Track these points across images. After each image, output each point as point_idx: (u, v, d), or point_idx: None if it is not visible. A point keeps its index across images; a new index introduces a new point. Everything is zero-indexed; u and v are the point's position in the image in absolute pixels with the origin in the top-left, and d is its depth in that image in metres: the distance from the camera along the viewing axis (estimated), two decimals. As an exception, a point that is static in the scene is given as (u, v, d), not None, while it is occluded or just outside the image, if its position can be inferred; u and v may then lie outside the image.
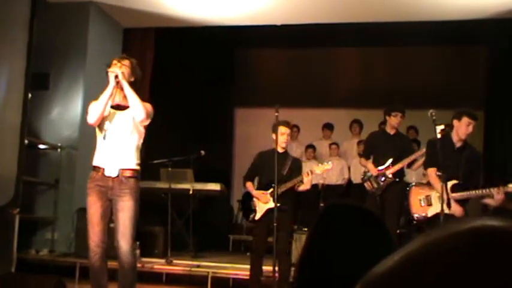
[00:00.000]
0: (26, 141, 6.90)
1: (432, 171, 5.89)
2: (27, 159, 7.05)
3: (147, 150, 9.36)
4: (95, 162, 4.90)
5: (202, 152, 8.44)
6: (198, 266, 7.28)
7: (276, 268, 5.66)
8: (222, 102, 12.38)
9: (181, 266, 7.38)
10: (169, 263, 7.43)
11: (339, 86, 12.12)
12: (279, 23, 8.80)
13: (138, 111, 4.85)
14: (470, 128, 5.72)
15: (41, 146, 8.10)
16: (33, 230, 7.93)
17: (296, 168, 6.34)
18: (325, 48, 11.74)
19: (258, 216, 6.26)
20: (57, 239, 7.87)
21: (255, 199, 6.34)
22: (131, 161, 4.90)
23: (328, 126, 10.86)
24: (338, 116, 11.40)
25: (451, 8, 7.85)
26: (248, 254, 9.08)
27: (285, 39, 10.40)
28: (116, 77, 4.82)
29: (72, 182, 7.99)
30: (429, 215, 5.79)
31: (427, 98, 10.09)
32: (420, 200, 5.90)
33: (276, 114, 5.96)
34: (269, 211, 6.07)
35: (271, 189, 6.13)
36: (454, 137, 5.77)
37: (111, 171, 4.80)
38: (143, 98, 9.34)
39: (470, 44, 10.75)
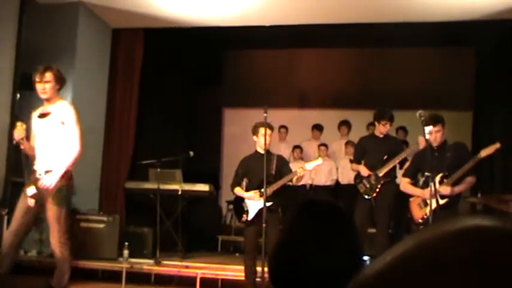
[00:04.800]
0: (14, 142, 6.86)
1: (405, 181, 6.23)
2: (16, 160, 7.01)
3: (135, 151, 9.38)
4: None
5: (191, 153, 8.43)
6: (187, 267, 7.28)
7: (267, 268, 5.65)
8: (210, 103, 12.34)
9: (170, 266, 7.37)
10: (158, 264, 7.42)
11: (327, 87, 12.12)
12: (267, 24, 8.80)
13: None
14: (439, 134, 5.80)
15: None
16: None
17: (282, 165, 6.37)
18: (314, 49, 11.74)
19: (250, 216, 6.26)
20: (45, 240, 7.82)
21: (246, 200, 6.34)
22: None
23: (318, 127, 10.85)
24: (326, 116, 11.40)
25: (440, 9, 7.89)
26: (237, 254, 9.08)
27: (273, 40, 10.38)
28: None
29: (60, 183, 7.94)
30: (428, 213, 5.87)
31: (416, 98, 10.12)
32: (419, 205, 5.98)
33: (265, 114, 5.96)
34: (261, 211, 6.09)
35: (262, 190, 6.15)
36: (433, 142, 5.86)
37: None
38: (131, 98, 9.36)
39: (458, 45, 10.78)
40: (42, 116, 5.43)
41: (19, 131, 5.36)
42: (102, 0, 8.31)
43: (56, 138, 5.37)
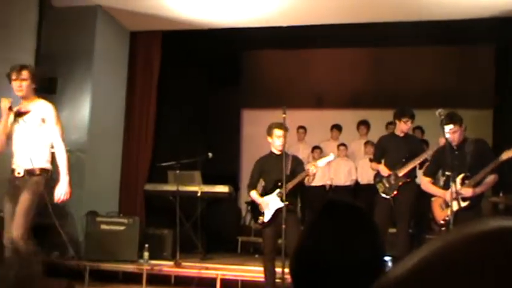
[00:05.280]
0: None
1: (426, 180, 6.20)
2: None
3: (154, 153, 9.41)
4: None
5: (210, 154, 8.42)
6: (207, 268, 7.29)
7: (287, 269, 5.65)
8: (229, 104, 12.36)
9: (190, 268, 7.39)
10: (178, 265, 7.44)
11: (345, 87, 12.09)
12: (284, 25, 8.80)
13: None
14: (456, 135, 5.74)
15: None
16: (43, 233, 7.93)
17: (297, 165, 6.36)
18: (331, 50, 11.70)
19: (266, 218, 6.25)
20: (66, 242, 7.88)
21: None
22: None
23: (337, 127, 10.82)
24: (344, 117, 11.37)
25: (458, 7, 7.83)
26: (257, 256, 9.08)
27: (291, 41, 10.36)
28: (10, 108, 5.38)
29: (81, 186, 7.99)
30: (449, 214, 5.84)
31: (433, 98, 10.06)
32: (440, 206, 5.94)
33: (284, 115, 5.97)
34: (278, 212, 6.08)
35: (277, 190, 6.15)
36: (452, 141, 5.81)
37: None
38: (150, 100, 9.38)
39: (477, 43, 10.69)
40: (21, 114, 5.39)
41: (4, 103, 5.32)
42: (120, 4, 8.36)
43: (36, 137, 5.33)
